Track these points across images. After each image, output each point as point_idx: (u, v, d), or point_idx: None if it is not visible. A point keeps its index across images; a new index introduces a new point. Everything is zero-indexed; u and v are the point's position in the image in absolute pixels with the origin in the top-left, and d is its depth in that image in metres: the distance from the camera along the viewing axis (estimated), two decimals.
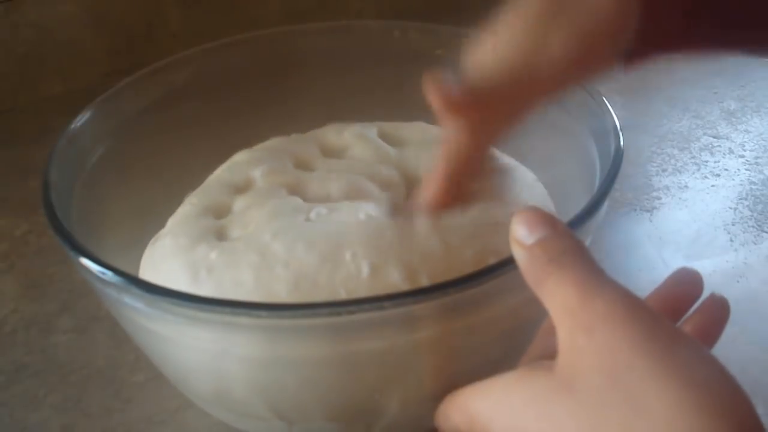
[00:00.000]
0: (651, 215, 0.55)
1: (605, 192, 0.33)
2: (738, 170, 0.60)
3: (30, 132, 0.64)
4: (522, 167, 0.44)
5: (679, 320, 0.34)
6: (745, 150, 0.62)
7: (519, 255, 0.27)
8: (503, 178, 0.41)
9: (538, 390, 0.25)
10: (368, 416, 0.33)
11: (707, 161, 0.61)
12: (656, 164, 0.60)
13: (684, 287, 0.35)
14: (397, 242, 0.34)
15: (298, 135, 0.47)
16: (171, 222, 0.41)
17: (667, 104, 0.68)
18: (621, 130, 0.37)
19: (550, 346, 0.30)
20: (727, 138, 0.63)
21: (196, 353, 0.32)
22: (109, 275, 0.30)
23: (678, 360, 0.23)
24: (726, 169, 0.60)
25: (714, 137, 0.63)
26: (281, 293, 0.33)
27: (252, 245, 0.35)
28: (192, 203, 0.41)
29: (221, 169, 0.44)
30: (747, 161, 0.61)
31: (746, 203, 0.56)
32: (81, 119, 0.40)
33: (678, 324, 0.34)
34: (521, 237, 0.27)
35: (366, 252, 0.34)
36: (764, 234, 0.53)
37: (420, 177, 0.44)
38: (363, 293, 0.33)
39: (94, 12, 0.70)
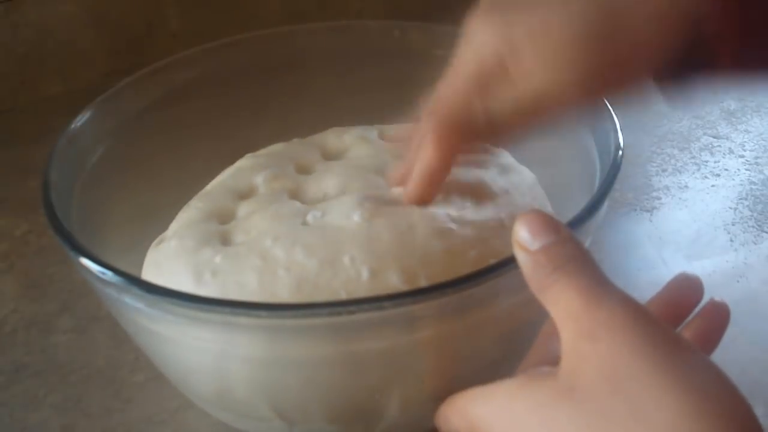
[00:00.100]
0: (651, 215, 0.55)
1: (605, 192, 0.33)
2: (738, 170, 0.60)
3: (30, 132, 0.64)
4: (522, 167, 0.44)
5: (680, 325, 0.34)
6: (745, 150, 0.62)
7: (522, 260, 0.27)
8: (503, 179, 0.41)
9: (540, 396, 0.25)
10: (368, 417, 0.33)
11: (707, 161, 0.61)
12: (656, 164, 0.60)
13: (684, 292, 0.35)
14: (396, 245, 0.34)
15: (299, 140, 0.47)
16: (176, 225, 0.41)
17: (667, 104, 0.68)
18: (621, 130, 0.37)
19: (551, 351, 0.30)
20: (727, 138, 0.63)
21: (197, 353, 0.32)
22: (110, 275, 0.30)
23: (679, 367, 0.23)
24: (726, 169, 0.60)
25: (714, 137, 0.63)
26: (284, 296, 0.33)
27: (254, 249, 0.35)
28: (197, 207, 0.41)
29: (225, 175, 0.44)
30: (747, 161, 0.61)
31: (746, 203, 0.56)
32: (81, 119, 0.40)
33: (679, 329, 0.34)
34: (525, 241, 0.27)
35: (364, 256, 0.34)
36: (764, 234, 0.53)
37: None
38: (363, 295, 0.33)
39: (94, 12, 0.70)
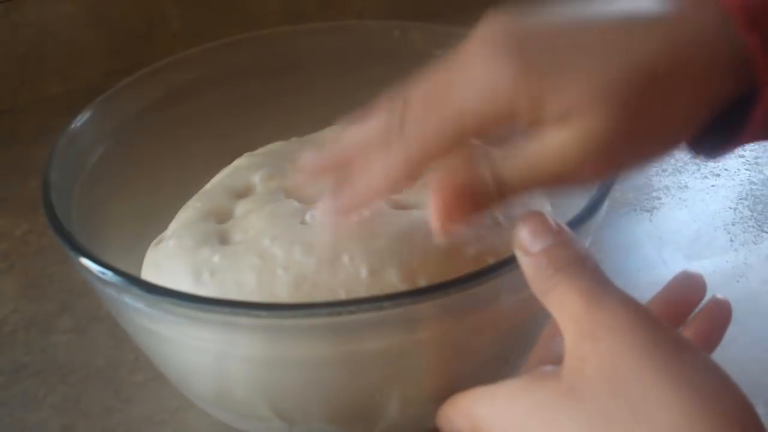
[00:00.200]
0: (651, 215, 0.55)
1: (605, 192, 0.33)
2: (738, 170, 0.60)
3: (30, 132, 0.64)
4: None
5: (682, 323, 0.34)
6: (745, 150, 0.62)
7: (524, 262, 0.27)
8: None
9: (542, 397, 0.25)
10: (368, 416, 0.33)
11: (707, 161, 0.61)
12: (656, 164, 0.60)
13: (687, 290, 0.35)
14: (394, 244, 0.34)
15: (297, 139, 0.47)
16: (174, 225, 0.41)
17: None
18: None
19: (553, 352, 0.30)
20: None
21: (197, 353, 0.32)
22: (109, 275, 0.30)
23: (681, 368, 0.23)
24: (726, 169, 0.60)
25: None
26: (282, 295, 0.33)
27: (252, 248, 0.35)
28: (195, 207, 0.41)
29: (223, 174, 0.44)
30: (747, 161, 0.60)
31: (746, 203, 0.56)
32: (81, 119, 0.40)
33: (681, 327, 0.34)
34: (526, 243, 0.27)
35: (363, 255, 0.34)
36: (764, 234, 0.53)
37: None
38: (362, 294, 0.33)
39: (94, 12, 0.70)
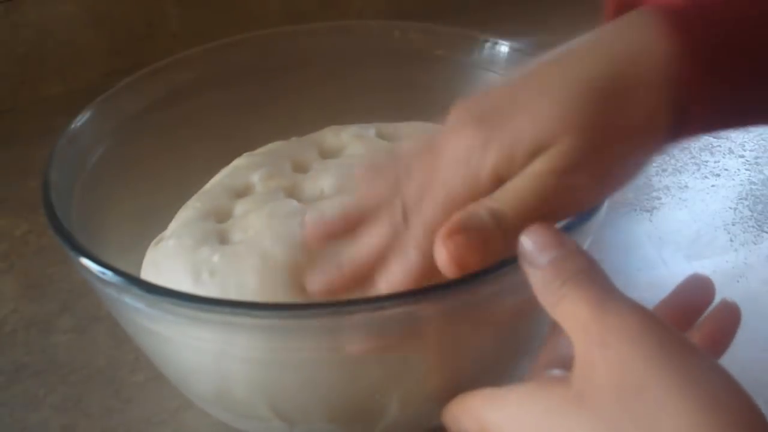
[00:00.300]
0: (651, 215, 0.55)
1: None
2: (738, 170, 0.60)
3: (30, 132, 0.64)
4: None
5: (691, 326, 0.34)
6: (745, 150, 0.62)
7: (532, 275, 0.27)
8: None
9: (553, 404, 0.25)
10: (369, 416, 0.33)
11: (707, 161, 0.61)
12: (656, 164, 0.60)
13: (695, 293, 0.35)
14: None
15: (297, 139, 0.47)
16: (174, 225, 0.41)
17: None
18: None
19: (561, 353, 0.30)
20: (727, 138, 0.63)
21: (197, 353, 0.32)
22: (110, 275, 0.30)
23: (691, 376, 0.23)
24: (726, 169, 0.60)
25: (714, 137, 0.63)
26: (284, 295, 0.33)
27: (254, 249, 0.35)
28: (195, 207, 0.41)
29: (222, 174, 0.44)
30: (747, 161, 0.60)
31: (746, 203, 0.56)
32: (81, 119, 0.40)
33: (690, 330, 0.34)
34: (532, 256, 0.27)
35: None
36: (764, 234, 0.53)
37: None
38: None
39: (94, 12, 0.70)
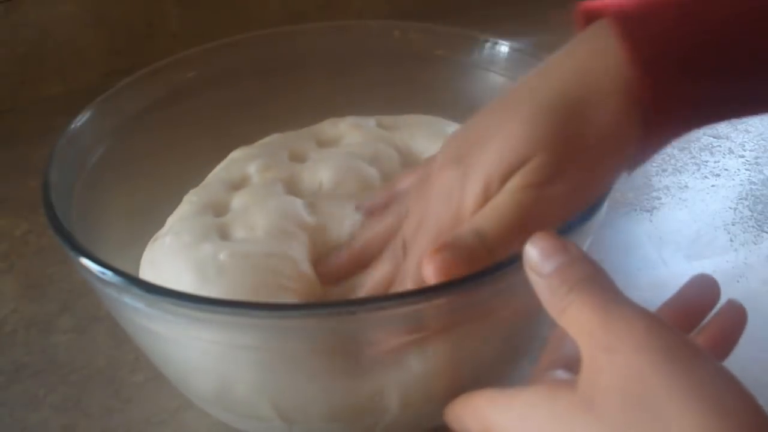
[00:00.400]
0: (651, 215, 0.55)
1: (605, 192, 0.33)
2: (738, 170, 0.60)
3: (30, 132, 0.64)
4: None
5: (697, 327, 0.34)
6: (745, 150, 0.62)
7: (537, 283, 0.27)
8: None
9: (559, 409, 0.25)
10: (369, 416, 0.33)
11: (707, 161, 0.61)
12: (656, 164, 0.60)
13: (701, 294, 0.35)
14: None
15: (294, 132, 0.47)
16: (171, 220, 0.41)
17: None
18: None
19: (565, 354, 0.30)
20: (727, 138, 0.63)
21: (197, 353, 0.32)
22: (109, 275, 0.30)
23: (698, 381, 0.23)
24: (726, 169, 0.60)
25: (714, 137, 0.63)
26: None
27: (268, 250, 0.36)
28: (191, 201, 0.41)
29: (219, 167, 0.44)
30: (747, 161, 0.61)
31: (746, 203, 0.56)
32: (81, 119, 0.40)
33: (696, 330, 0.34)
34: (537, 265, 0.27)
35: None
36: (764, 234, 0.53)
37: (414, 151, 0.44)
38: None
39: (94, 12, 0.70)
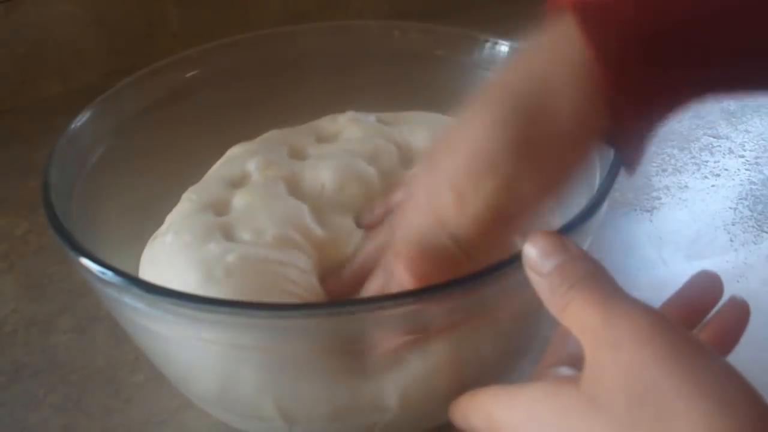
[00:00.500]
0: (651, 215, 0.55)
1: (605, 192, 0.33)
2: (738, 170, 0.60)
3: (30, 132, 0.64)
4: None
5: (700, 323, 0.34)
6: (745, 150, 0.62)
7: (537, 282, 0.27)
8: None
9: (564, 406, 0.25)
10: (370, 416, 0.33)
11: (707, 161, 0.61)
12: (656, 164, 0.60)
13: (704, 290, 0.35)
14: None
15: (293, 128, 0.47)
16: (170, 218, 0.41)
17: None
18: None
19: (569, 351, 0.30)
20: (727, 138, 0.63)
21: (197, 353, 0.32)
22: (109, 275, 0.30)
23: (703, 377, 0.23)
24: (726, 169, 0.60)
25: (714, 137, 0.63)
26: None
27: (278, 257, 0.36)
28: (190, 199, 0.41)
29: (218, 164, 0.44)
30: (747, 161, 0.61)
31: (746, 203, 0.56)
32: (81, 119, 0.40)
33: (699, 327, 0.34)
34: (536, 264, 0.27)
35: None
36: (764, 234, 0.53)
37: (414, 147, 0.44)
38: None
39: (94, 12, 0.70)
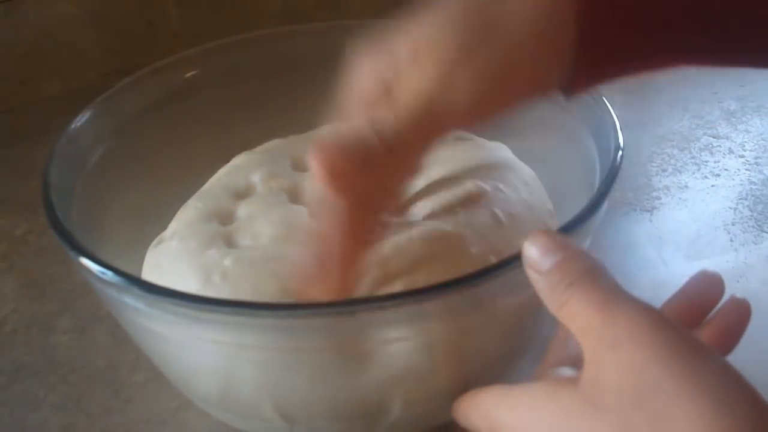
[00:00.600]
0: (651, 215, 0.55)
1: (605, 192, 0.33)
2: (738, 170, 0.60)
3: (30, 132, 0.64)
4: (520, 163, 0.44)
5: (701, 323, 0.34)
6: (745, 150, 0.62)
7: (536, 281, 0.27)
8: (501, 176, 0.41)
9: (565, 406, 0.25)
10: (371, 416, 0.33)
11: (707, 161, 0.61)
12: (656, 164, 0.60)
13: (704, 290, 0.35)
14: (399, 257, 0.35)
15: (296, 136, 0.47)
16: (175, 225, 0.41)
17: (667, 104, 0.68)
18: (621, 130, 0.37)
19: (570, 351, 0.30)
20: (727, 138, 0.63)
21: (197, 353, 0.32)
22: (110, 275, 0.30)
23: (703, 376, 0.23)
24: (726, 169, 0.60)
25: (714, 137, 0.63)
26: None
27: (272, 255, 0.36)
28: (196, 207, 0.41)
29: (222, 173, 0.44)
30: (747, 161, 0.61)
31: (746, 203, 0.56)
32: (81, 119, 0.40)
33: (700, 326, 0.34)
34: (535, 262, 0.27)
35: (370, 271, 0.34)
36: (764, 234, 0.53)
37: None
38: None
39: (94, 12, 0.70)
